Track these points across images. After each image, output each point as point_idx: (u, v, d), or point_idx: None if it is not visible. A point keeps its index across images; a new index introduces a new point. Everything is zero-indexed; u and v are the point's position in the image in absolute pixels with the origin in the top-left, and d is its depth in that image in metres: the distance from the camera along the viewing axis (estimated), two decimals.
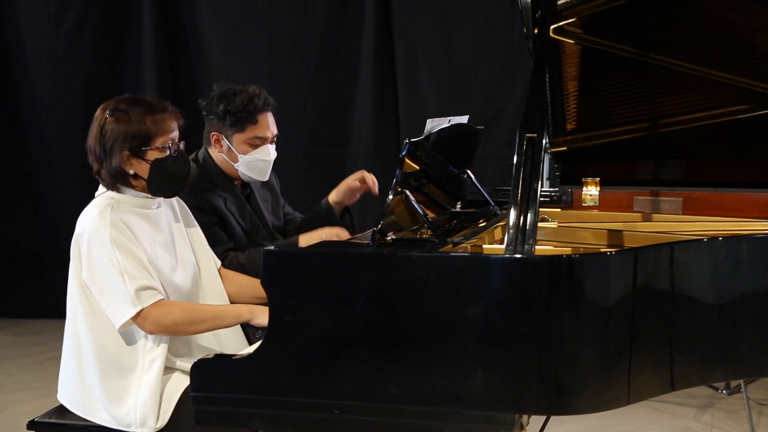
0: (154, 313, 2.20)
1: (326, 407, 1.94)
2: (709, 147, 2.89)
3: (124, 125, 2.25)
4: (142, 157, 2.27)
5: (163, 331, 2.24)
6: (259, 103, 2.83)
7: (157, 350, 2.25)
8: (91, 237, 2.21)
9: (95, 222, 2.22)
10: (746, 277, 2.14)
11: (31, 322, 5.51)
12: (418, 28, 5.17)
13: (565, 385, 1.87)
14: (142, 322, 2.20)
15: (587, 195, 2.99)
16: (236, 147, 2.84)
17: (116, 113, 2.26)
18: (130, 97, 2.34)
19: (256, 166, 2.86)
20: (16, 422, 3.69)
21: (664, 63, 2.73)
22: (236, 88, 2.85)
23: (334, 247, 2.32)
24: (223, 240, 2.81)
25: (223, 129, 2.85)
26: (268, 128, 2.87)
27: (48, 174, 5.58)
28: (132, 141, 2.25)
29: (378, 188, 3.00)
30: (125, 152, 2.26)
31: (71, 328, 2.32)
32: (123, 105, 2.29)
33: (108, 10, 5.45)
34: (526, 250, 1.88)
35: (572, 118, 2.93)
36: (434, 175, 2.65)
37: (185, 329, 2.27)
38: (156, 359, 2.24)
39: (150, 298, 2.20)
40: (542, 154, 2.11)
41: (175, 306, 2.27)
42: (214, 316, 2.28)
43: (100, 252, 2.19)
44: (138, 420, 2.22)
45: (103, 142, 2.26)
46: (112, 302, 2.20)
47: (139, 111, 2.27)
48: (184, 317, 2.25)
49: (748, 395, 3.56)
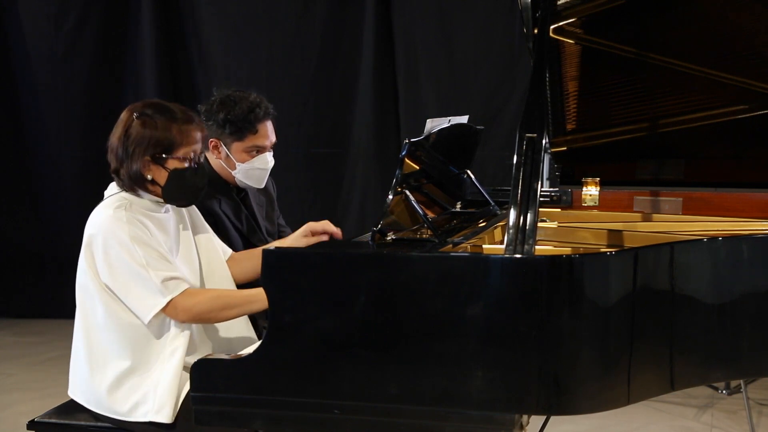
0: (184, 302, 2.22)
1: (326, 407, 1.94)
2: (709, 147, 2.89)
3: (150, 130, 2.26)
4: (162, 165, 2.28)
5: (194, 319, 2.27)
6: (260, 113, 2.81)
7: (181, 338, 2.26)
8: (107, 238, 2.22)
9: (110, 222, 2.23)
10: (746, 277, 2.14)
11: (31, 322, 5.51)
12: (418, 28, 5.17)
13: (565, 385, 1.87)
14: (173, 312, 2.22)
15: (587, 195, 2.99)
16: (234, 155, 2.82)
17: (143, 117, 2.27)
18: (159, 103, 2.34)
19: (253, 174, 2.86)
20: (16, 422, 3.69)
21: (664, 63, 2.73)
22: (237, 95, 2.83)
23: (334, 247, 2.32)
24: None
25: (222, 136, 2.83)
26: (267, 137, 2.85)
27: (48, 174, 5.59)
28: (155, 147, 2.26)
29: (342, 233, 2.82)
30: (146, 157, 2.27)
31: (85, 326, 2.32)
32: (150, 110, 2.29)
33: (108, 10, 5.45)
34: (526, 250, 1.88)
35: (572, 118, 2.93)
36: (434, 175, 2.66)
37: (217, 315, 2.30)
38: (178, 348, 2.25)
39: (177, 288, 2.22)
40: (542, 154, 2.11)
41: (204, 294, 2.30)
42: (244, 301, 2.30)
43: (119, 251, 2.20)
44: (155, 407, 2.22)
45: (126, 144, 2.26)
46: (141, 297, 2.21)
47: (165, 118, 2.28)
48: (214, 304, 2.27)
49: (748, 395, 3.56)
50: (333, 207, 5.42)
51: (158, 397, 2.22)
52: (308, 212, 5.34)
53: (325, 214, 5.39)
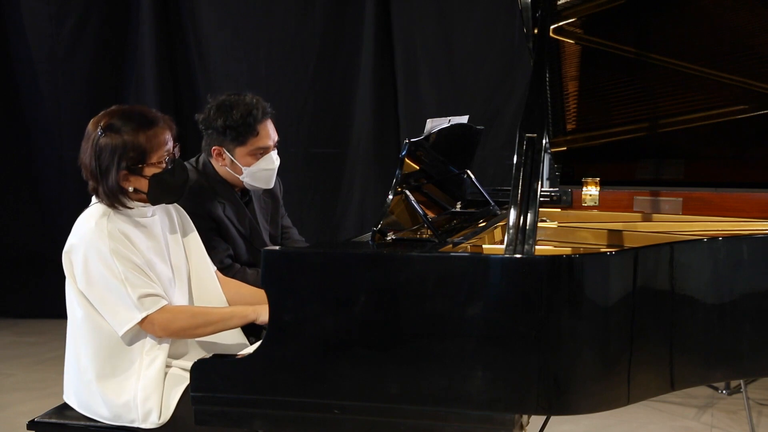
0: (160, 318, 2.22)
1: (326, 407, 1.94)
2: (709, 147, 2.89)
3: (120, 142, 2.23)
4: (140, 174, 2.27)
5: (171, 335, 2.27)
6: (258, 114, 2.78)
7: (159, 348, 2.27)
8: (87, 249, 2.22)
9: (92, 234, 2.22)
10: (746, 277, 2.14)
11: (31, 322, 5.51)
12: (418, 28, 5.17)
13: (565, 385, 1.87)
14: (149, 327, 2.23)
15: (587, 195, 2.99)
16: (239, 160, 2.80)
17: (108, 131, 2.24)
18: (120, 111, 2.31)
19: (261, 176, 2.84)
20: (16, 422, 3.69)
21: (664, 63, 2.73)
22: (232, 99, 2.80)
23: (334, 247, 2.32)
24: (220, 246, 2.80)
25: (224, 143, 2.80)
26: (269, 137, 2.83)
27: (49, 174, 5.58)
28: (128, 160, 2.24)
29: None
30: (123, 171, 2.25)
31: (71, 328, 2.33)
32: (114, 121, 2.26)
33: (108, 11, 5.45)
34: (526, 250, 1.88)
35: (572, 118, 2.93)
36: (434, 175, 2.65)
37: (193, 332, 2.30)
38: (157, 357, 2.26)
39: (154, 305, 2.22)
40: (542, 154, 2.11)
41: (181, 311, 2.31)
42: (221, 319, 2.31)
43: (98, 264, 2.20)
44: (141, 415, 2.23)
45: (99, 162, 2.24)
46: (115, 311, 2.21)
47: (131, 127, 2.25)
48: (191, 322, 2.28)
49: (748, 395, 3.56)
50: (333, 207, 5.42)
51: (140, 405, 2.23)
52: (308, 212, 5.34)
53: (324, 214, 5.40)
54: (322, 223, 5.39)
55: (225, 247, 2.81)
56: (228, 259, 2.81)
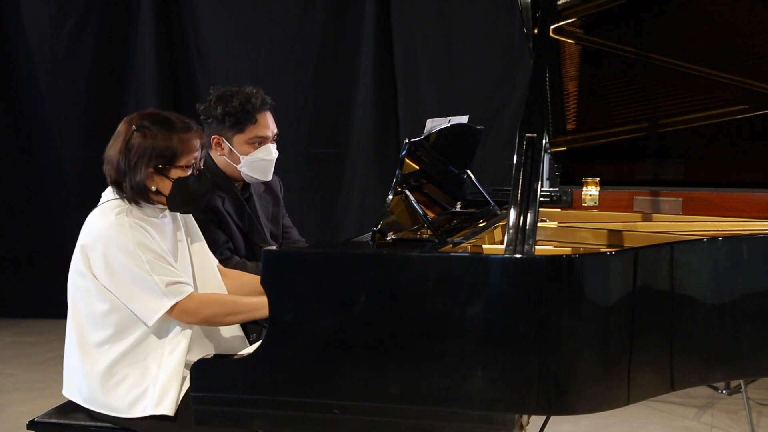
0: (190, 305, 2.24)
1: (326, 407, 1.94)
2: (709, 147, 2.89)
3: (151, 142, 2.26)
4: (165, 175, 2.29)
5: (200, 322, 2.29)
6: (257, 103, 2.84)
7: (182, 335, 2.27)
8: (109, 244, 2.22)
9: (113, 228, 2.23)
10: (746, 277, 2.14)
11: (31, 322, 5.51)
12: (418, 28, 5.17)
13: (565, 385, 1.87)
14: (179, 315, 2.24)
15: (587, 195, 2.99)
16: (237, 148, 2.84)
17: (143, 129, 2.27)
18: (156, 113, 2.35)
19: (258, 166, 2.87)
20: (16, 422, 3.69)
21: (664, 63, 2.73)
22: (233, 89, 2.86)
23: (334, 247, 2.32)
24: (220, 239, 2.81)
25: (223, 131, 2.85)
26: (267, 127, 2.88)
27: (50, 175, 5.58)
28: (158, 159, 2.27)
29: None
30: (150, 169, 2.27)
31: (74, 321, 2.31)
32: (148, 121, 2.29)
33: (108, 11, 5.45)
34: (526, 250, 1.88)
35: (572, 118, 2.93)
36: (434, 175, 2.65)
37: (222, 320, 2.33)
38: (180, 343, 2.26)
39: (182, 292, 2.23)
40: (542, 154, 2.11)
41: (210, 298, 2.34)
42: (249, 309, 2.31)
43: (121, 258, 2.21)
44: (156, 398, 2.21)
45: (128, 156, 2.27)
46: (145, 302, 2.22)
47: (165, 128, 2.29)
48: (220, 309, 2.30)
49: (748, 395, 3.56)
50: (332, 207, 5.42)
51: (158, 390, 2.22)
52: (307, 212, 5.34)
53: (324, 214, 5.40)
54: (322, 223, 5.39)
55: (225, 239, 2.83)
56: (227, 251, 2.83)
